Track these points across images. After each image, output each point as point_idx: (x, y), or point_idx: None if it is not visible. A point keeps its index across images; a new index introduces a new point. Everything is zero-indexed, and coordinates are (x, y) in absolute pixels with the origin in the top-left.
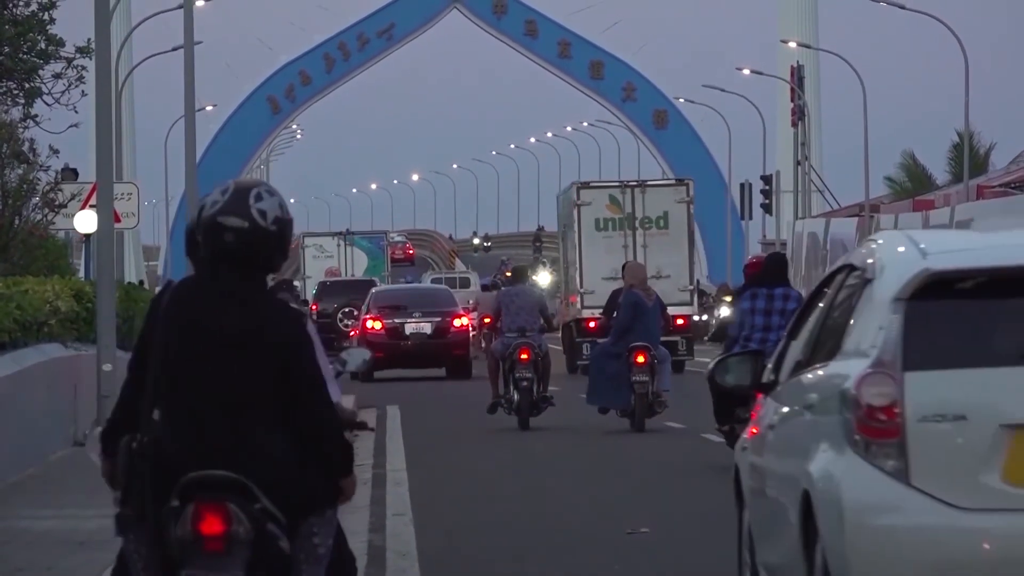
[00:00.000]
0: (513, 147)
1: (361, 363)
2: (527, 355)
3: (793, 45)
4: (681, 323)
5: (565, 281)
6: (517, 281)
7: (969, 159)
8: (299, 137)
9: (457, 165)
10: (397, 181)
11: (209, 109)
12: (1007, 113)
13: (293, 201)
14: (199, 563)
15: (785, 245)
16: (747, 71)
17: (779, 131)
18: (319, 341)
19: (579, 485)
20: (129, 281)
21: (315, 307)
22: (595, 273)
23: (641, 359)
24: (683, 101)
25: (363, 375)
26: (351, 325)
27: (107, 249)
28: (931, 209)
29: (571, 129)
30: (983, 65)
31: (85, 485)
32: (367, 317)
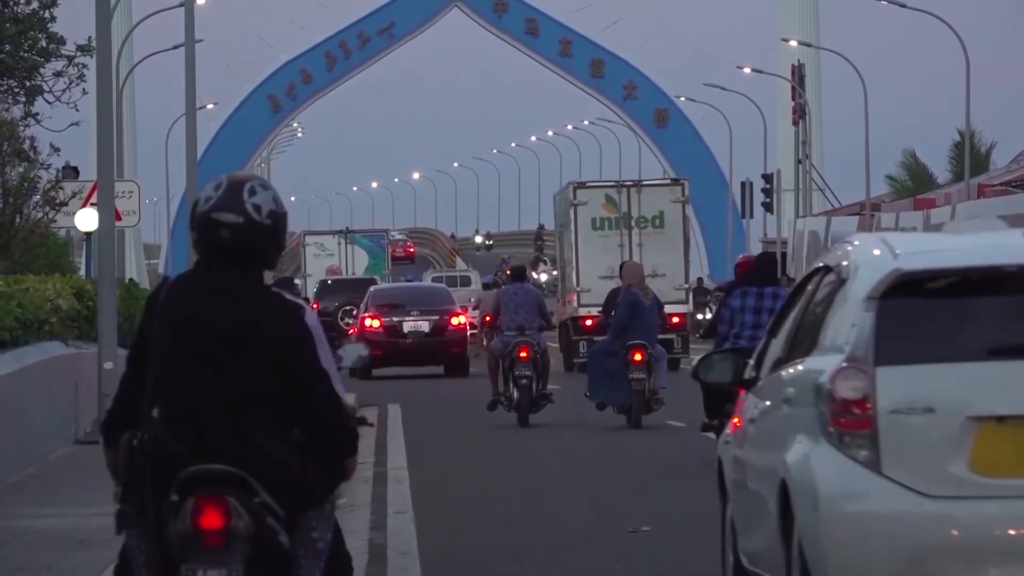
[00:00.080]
0: (514, 145)
1: (357, 358)
2: (526, 353)
3: (794, 44)
4: (677, 322)
5: (562, 280)
6: (516, 280)
7: (970, 158)
8: (300, 135)
9: (458, 163)
10: (398, 179)
11: (210, 107)
12: (1008, 112)
13: (294, 199)
14: (199, 557)
15: (786, 244)
16: (748, 70)
17: (780, 130)
18: (322, 332)
19: (579, 484)
20: (131, 279)
21: (316, 305)
22: (591, 272)
23: (638, 357)
24: (684, 100)
25: (361, 373)
26: (351, 323)
27: (108, 247)
28: (932, 208)
29: (572, 128)
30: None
31: (86, 484)
32: (365, 315)
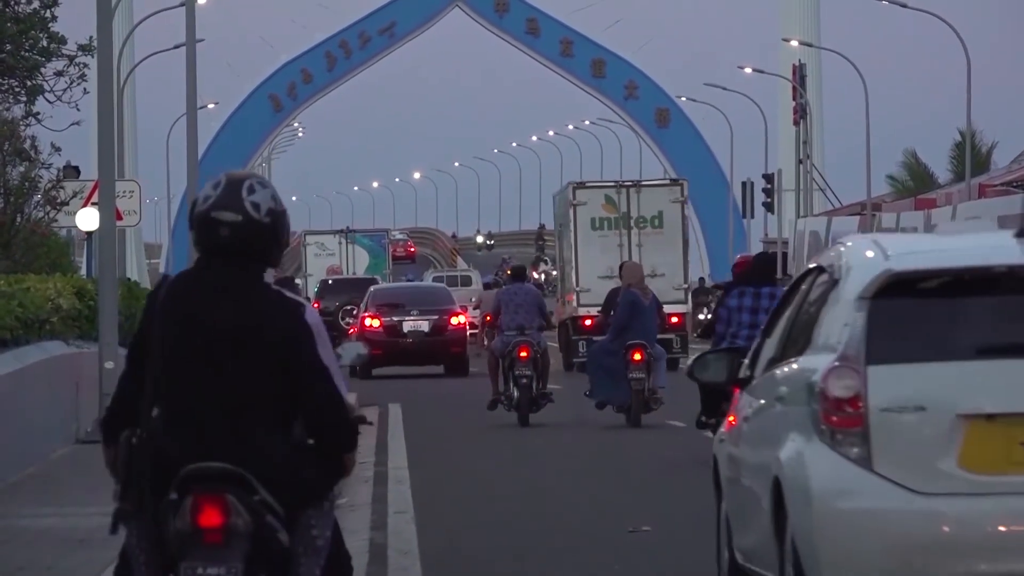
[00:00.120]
0: (515, 145)
1: (356, 356)
2: (526, 353)
3: (795, 44)
4: (676, 321)
5: (561, 280)
6: (516, 280)
7: (971, 158)
8: (301, 135)
9: (459, 163)
10: (399, 179)
11: (211, 107)
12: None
13: (295, 199)
14: (198, 555)
15: (787, 244)
16: (749, 70)
17: (781, 130)
18: (324, 330)
19: (579, 483)
20: (133, 279)
21: (317, 305)
22: (591, 272)
23: (638, 357)
24: (685, 100)
25: (361, 372)
26: (351, 323)
27: (109, 247)
28: (933, 208)
29: (573, 127)
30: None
31: (86, 483)
32: (365, 315)
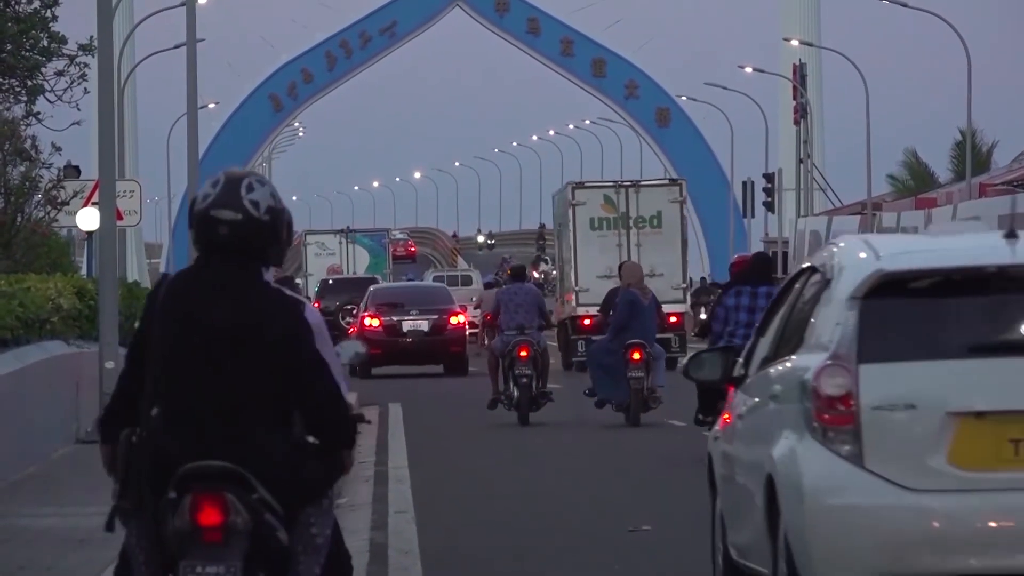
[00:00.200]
0: (515, 145)
1: (354, 355)
2: (526, 352)
3: (795, 43)
4: (674, 321)
5: (560, 279)
6: (516, 280)
7: (971, 157)
8: (301, 135)
9: (459, 163)
10: (399, 179)
11: (211, 107)
12: (1010, 111)
13: (295, 199)
14: (197, 554)
15: (787, 243)
16: (749, 69)
17: (781, 129)
18: (325, 328)
19: (579, 482)
20: (134, 279)
21: (318, 304)
22: (590, 271)
23: (637, 356)
24: (685, 99)
25: (361, 371)
26: (351, 322)
27: (109, 247)
28: (933, 207)
29: (573, 127)
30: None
31: (86, 483)
32: (365, 314)
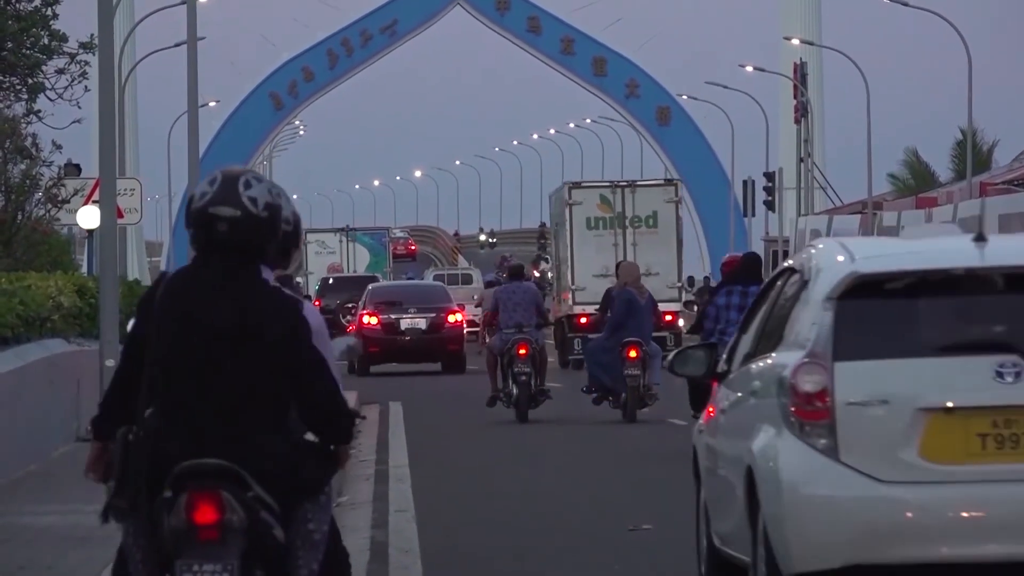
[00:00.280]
0: (516, 143)
1: (346, 348)
2: (525, 350)
3: (796, 42)
4: (669, 319)
5: (557, 278)
6: (514, 278)
7: (972, 156)
8: (302, 133)
9: (460, 161)
10: (400, 177)
11: (212, 105)
12: (1010, 110)
13: (296, 197)
14: (194, 553)
15: (788, 242)
16: (750, 68)
17: (782, 128)
18: (325, 327)
19: (579, 481)
20: (135, 278)
21: (318, 303)
22: (586, 271)
23: (633, 354)
24: (686, 98)
25: (359, 369)
26: (351, 321)
27: (110, 245)
28: (934, 206)
29: (574, 126)
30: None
31: (87, 482)
32: (363, 313)
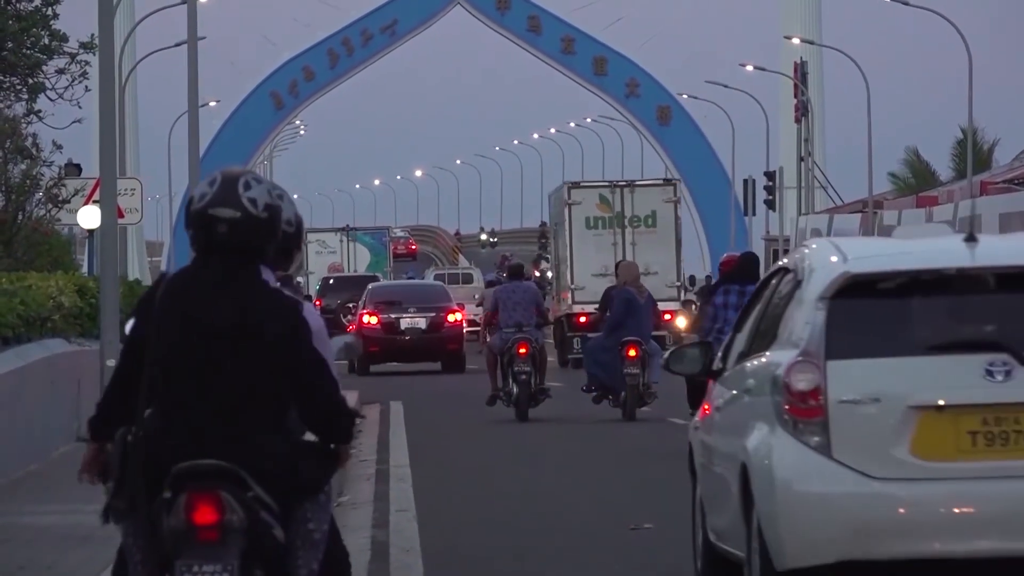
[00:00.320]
0: (517, 143)
1: (344, 346)
2: (525, 349)
3: (796, 41)
4: (668, 318)
5: (556, 277)
6: (514, 278)
7: (973, 155)
8: (302, 133)
9: (460, 161)
10: (400, 177)
11: (212, 105)
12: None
13: (296, 197)
14: (193, 553)
15: (788, 241)
16: (750, 67)
17: (782, 127)
18: (324, 328)
19: (580, 480)
20: (136, 278)
21: (319, 302)
22: (585, 270)
23: (633, 352)
24: (686, 97)
25: (359, 369)
26: (351, 320)
27: (110, 245)
28: (934, 205)
29: (574, 125)
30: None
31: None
32: (363, 312)
